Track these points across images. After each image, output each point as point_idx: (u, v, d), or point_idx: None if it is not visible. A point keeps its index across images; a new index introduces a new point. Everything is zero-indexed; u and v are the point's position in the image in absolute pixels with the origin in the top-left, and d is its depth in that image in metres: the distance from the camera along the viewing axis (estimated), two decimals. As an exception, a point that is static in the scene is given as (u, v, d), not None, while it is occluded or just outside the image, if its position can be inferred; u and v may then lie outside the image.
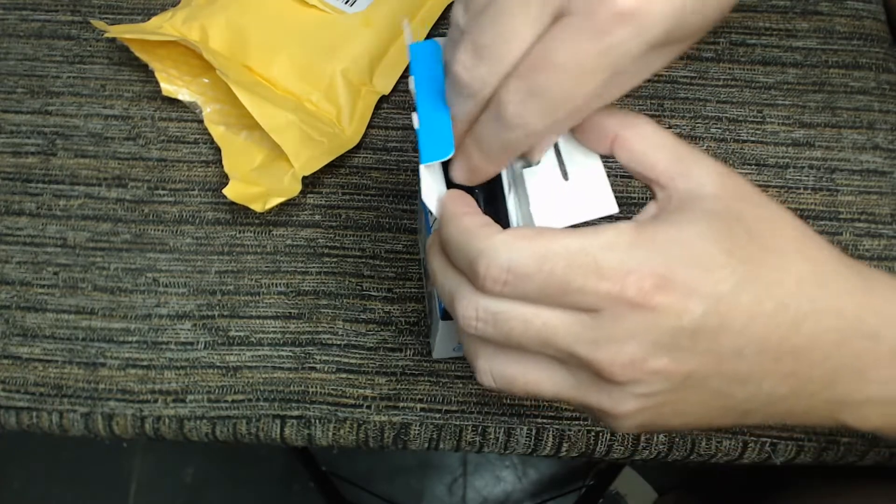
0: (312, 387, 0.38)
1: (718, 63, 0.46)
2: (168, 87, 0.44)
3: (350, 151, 0.43)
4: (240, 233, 0.41)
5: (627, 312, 0.22)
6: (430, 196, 0.26)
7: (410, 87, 0.26)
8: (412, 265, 0.41)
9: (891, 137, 0.44)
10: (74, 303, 0.40)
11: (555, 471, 0.98)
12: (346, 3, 0.45)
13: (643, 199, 0.43)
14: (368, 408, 0.38)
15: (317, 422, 0.38)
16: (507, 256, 0.22)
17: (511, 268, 0.22)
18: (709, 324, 0.22)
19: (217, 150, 0.43)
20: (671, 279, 0.21)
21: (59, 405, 0.38)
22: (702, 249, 0.22)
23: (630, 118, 0.25)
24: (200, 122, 0.44)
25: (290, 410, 0.38)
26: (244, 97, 0.39)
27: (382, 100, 0.45)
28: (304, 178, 0.40)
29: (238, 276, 0.40)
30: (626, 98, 0.45)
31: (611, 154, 0.26)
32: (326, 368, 0.38)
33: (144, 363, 0.39)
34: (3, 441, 0.98)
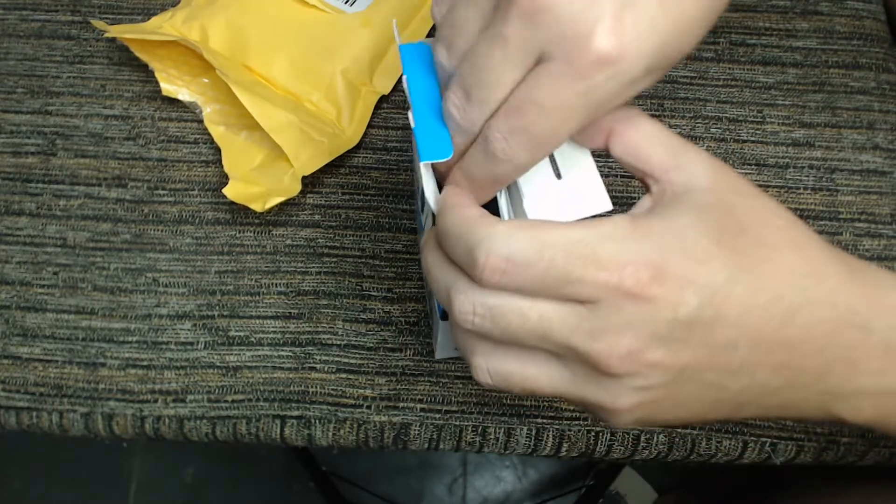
0: (312, 387, 0.38)
1: (718, 63, 0.46)
2: (168, 87, 0.44)
3: (350, 151, 0.43)
4: (240, 233, 0.41)
5: (625, 303, 0.22)
6: (431, 191, 0.26)
7: (404, 87, 0.27)
8: (412, 265, 0.41)
9: (891, 137, 0.44)
10: (74, 303, 0.40)
11: (555, 471, 0.98)
12: (346, 3, 0.45)
13: (643, 199, 0.43)
14: (368, 408, 0.38)
15: (317, 422, 0.38)
16: (507, 245, 0.22)
17: (510, 256, 0.22)
18: (704, 316, 0.22)
19: (217, 150, 0.43)
20: (667, 270, 0.22)
21: (59, 405, 0.38)
22: (696, 241, 0.22)
23: (625, 113, 0.25)
24: (200, 122, 0.44)
25: (290, 410, 0.38)
26: (244, 97, 0.39)
27: (382, 100, 0.45)
28: (304, 178, 0.40)
29: (238, 276, 0.40)
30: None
31: (605, 149, 0.26)
32: (326, 368, 0.38)
33: (144, 363, 0.39)
34: (3, 441, 0.98)
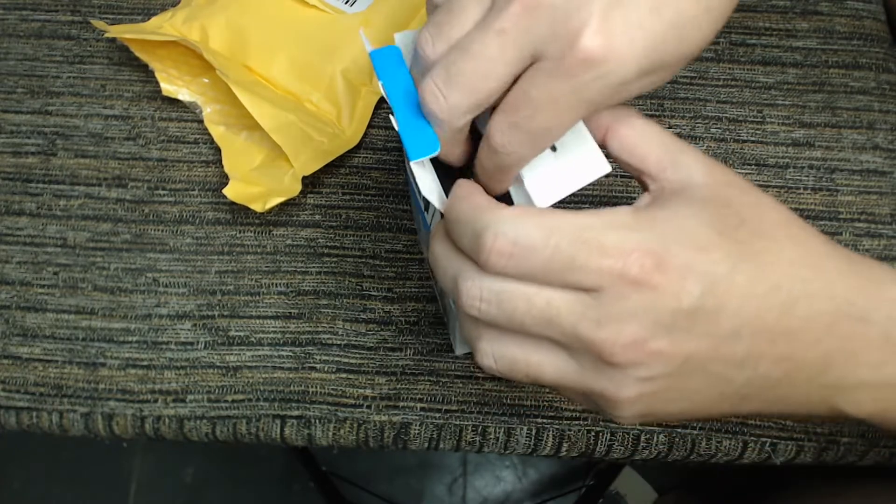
0: (312, 387, 0.38)
1: (718, 63, 0.46)
2: (168, 87, 0.44)
3: (350, 151, 0.43)
4: (240, 233, 0.41)
5: (629, 291, 0.22)
6: (428, 189, 0.27)
7: (382, 92, 0.27)
8: (412, 265, 0.41)
9: (891, 137, 0.44)
10: (74, 303, 0.40)
11: (555, 471, 0.98)
12: (346, 4, 0.45)
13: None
14: (368, 408, 0.38)
15: (317, 422, 0.38)
16: (515, 229, 0.23)
17: (518, 241, 0.22)
18: (707, 305, 0.22)
19: (217, 150, 0.43)
20: (669, 259, 0.22)
21: (59, 405, 0.38)
22: (697, 231, 0.23)
23: (622, 111, 0.26)
24: (200, 122, 0.44)
25: (290, 410, 0.38)
26: (244, 97, 0.39)
27: (382, 100, 0.45)
28: (304, 178, 0.40)
29: (238, 276, 0.40)
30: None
31: (603, 145, 0.26)
32: (326, 368, 0.38)
33: (144, 363, 0.39)
34: (3, 441, 0.98)
